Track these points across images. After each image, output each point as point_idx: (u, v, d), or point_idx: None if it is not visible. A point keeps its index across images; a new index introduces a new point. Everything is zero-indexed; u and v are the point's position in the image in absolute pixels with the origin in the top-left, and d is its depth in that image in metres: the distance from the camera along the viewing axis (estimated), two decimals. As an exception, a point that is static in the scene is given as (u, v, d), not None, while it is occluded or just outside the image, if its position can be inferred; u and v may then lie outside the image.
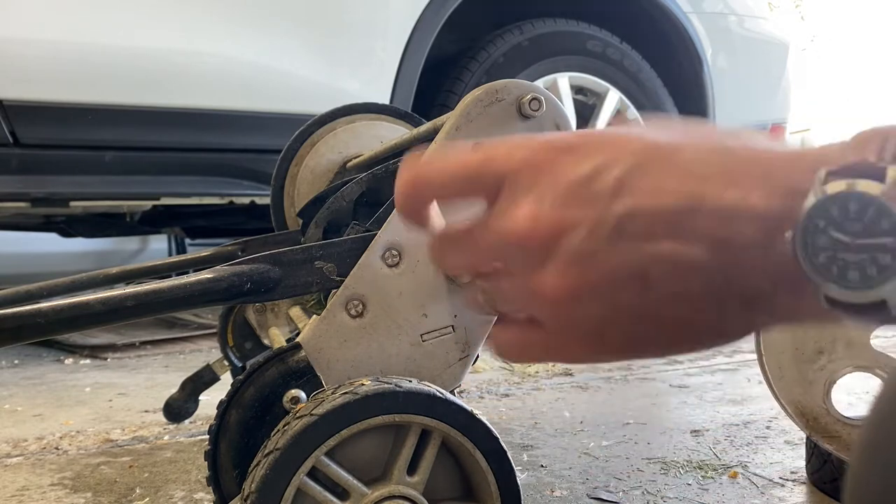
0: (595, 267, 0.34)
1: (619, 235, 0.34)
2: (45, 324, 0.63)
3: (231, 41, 2.03)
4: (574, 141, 0.36)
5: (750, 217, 0.32)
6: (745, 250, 0.32)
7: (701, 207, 0.33)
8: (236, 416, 0.69)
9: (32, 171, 1.88)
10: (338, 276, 0.71)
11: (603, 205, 0.34)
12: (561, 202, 0.35)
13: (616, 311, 0.35)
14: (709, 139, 0.35)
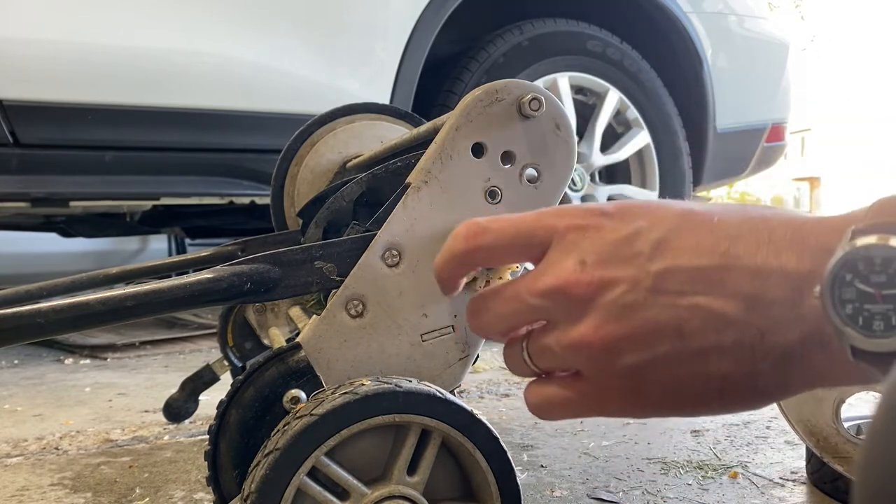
0: (633, 319, 0.37)
1: (656, 291, 0.37)
2: (44, 324, 0.63)
3: (231, 41, 2.03)
4: (618, 207, 0.40)
5: (781, 274, 0.34)
6: (777, 306, 0.34)
7: (734, 266, 0.35)
8: (236, 416, 0.69)
9: (32, 171, 1.88)
10: (338, 276, 0.71)
11: (642, 262, 0.37)
12: (604, 259, 0.38)
13: (653, 362, 0.37)
14: (740, 208, 0.38)
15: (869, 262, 0.32)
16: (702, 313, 0.36)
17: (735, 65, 2.75)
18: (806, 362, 0.35)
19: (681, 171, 2.61)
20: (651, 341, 0.37)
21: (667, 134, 2.57)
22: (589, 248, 0.38)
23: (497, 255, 0.43)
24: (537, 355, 0.42)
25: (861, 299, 0.32)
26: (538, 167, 0.73)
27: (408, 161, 0.84)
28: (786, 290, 0.34)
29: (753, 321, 0.35)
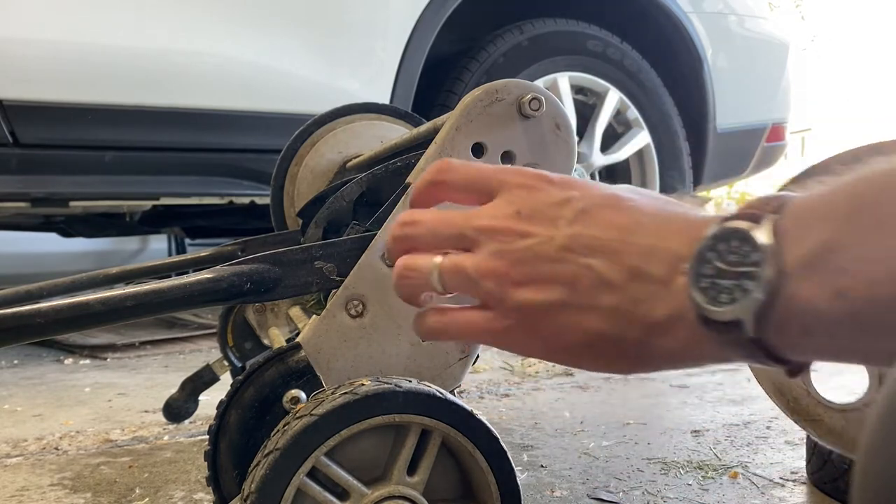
0: (540, 265, 0.44)
1: (564, 248, 0.44)
2: (44, 324, 0.63)
3: (231, 41, 2.03)
4: (562, 178, 0.47)
5: (665, 253, 0.40)
6: (654, 281, 0.40)
7: (631, 241, 0.42)
8: (236, 417, 0.69)
9: (32, 171, 1.88)
10: (338, 276, 0.71)
11: (561, 225, 0.44)
12: (534, 215, 0.45)
13: (544, 305, 0.44)
14: (662, 201, 0.44)
15: (728, 243, 0.36)
16: (592, 274, 0.42)
17: (735, 65, 2.75)
18: (669, 336, 0.40)
19: (681, 171, 2.61)
20: (548, 286, 0.44)
21: (667, 134, 2.57)
22: (527, 204, 0.46)
23: (457, 191, 0.50)
24: (450, 273, 0.47)
25: (717, 275, 0.36)
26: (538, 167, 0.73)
27: (408, 161, 0.84)
28: (664, 267, 0.40)
29: (631, 290, 0.41)
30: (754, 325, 0.35)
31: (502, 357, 2.01)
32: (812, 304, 0.33)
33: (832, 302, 0.32)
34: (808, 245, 0.34)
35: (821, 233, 0.33)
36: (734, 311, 0.35)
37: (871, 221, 0.32)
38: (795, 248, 0.34)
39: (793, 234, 0.34)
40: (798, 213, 0.35)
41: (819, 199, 0.35)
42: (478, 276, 0.45)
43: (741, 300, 0.35)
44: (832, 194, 0.34)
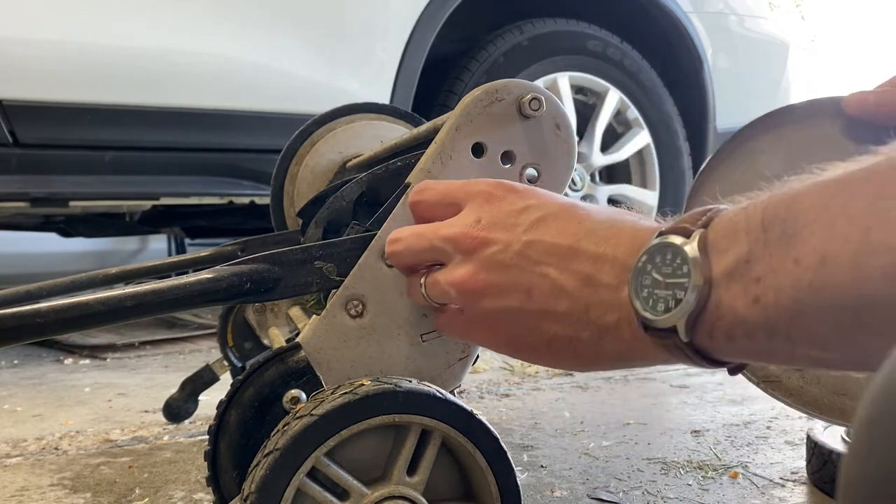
0: (498, 273, 0.49)
1: (521, 255, 0.48)
2: (44, 324, 0.62)
3: (231, 41, 2.03)
4: (524, 188, 0.52)
5: (613, 262, 0.44)
6: (604, 288, 0.44)
7: (582, 249, 0.45)
8: (236, 417, 0.68)
9: (32, 171, 1.88)
10: (338, 276, 0.71)
11: (519, 232, 0.48)
12: (494, 223, 0.50)
13: (504, 311, 0.49)
14: (615, 212, 0.48)
15: (663, 256, 0.39)
16: (548, 281, 0.46)
17: (735, 65, 2.75)
18: (618, 338, 0.43)
19: (681, 171, 2.61)
20: (506, 295, 0.48)
21: (667, 134, 2.57)
22: (487, 213, 0.50)
23: (431, 210, 0.56)
24: (430, 286, 0.54)
25: (653, 286, 0.40)
26: (538, 167, 0.73)
27: (408, 161, 0.83)
28: (612, 276, 0.44)
29: (583, 297, 0.45)
30: (686, 331, 0.38)
31: (502, 357, 2.01)
32: (734, 311, 0.36)
33: (750, 308, 0.35)
34: (729, 256, 0.37)
35: (740, 245, 0.36)
36: (668, 318, 0.39)
37: (779, 234, 0.35)
38: (720, 260, 0.37)
39: (717, 246, 0.37)
40: (722, 227, 0.38)
41: (741, 212, 0.38)
42: (448, 287, 0.52)
43: (674, 309, 0.38)
44: (752, 208, 0.37)
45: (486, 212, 0.50)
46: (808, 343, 0.34)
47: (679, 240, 0.39)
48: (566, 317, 0.45)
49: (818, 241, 0.33)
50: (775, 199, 0.36)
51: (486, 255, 0.49)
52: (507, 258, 0.48)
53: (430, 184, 0.57)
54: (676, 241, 0.39)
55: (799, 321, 0.34)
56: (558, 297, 0.46)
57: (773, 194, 0.37)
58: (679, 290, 0.38)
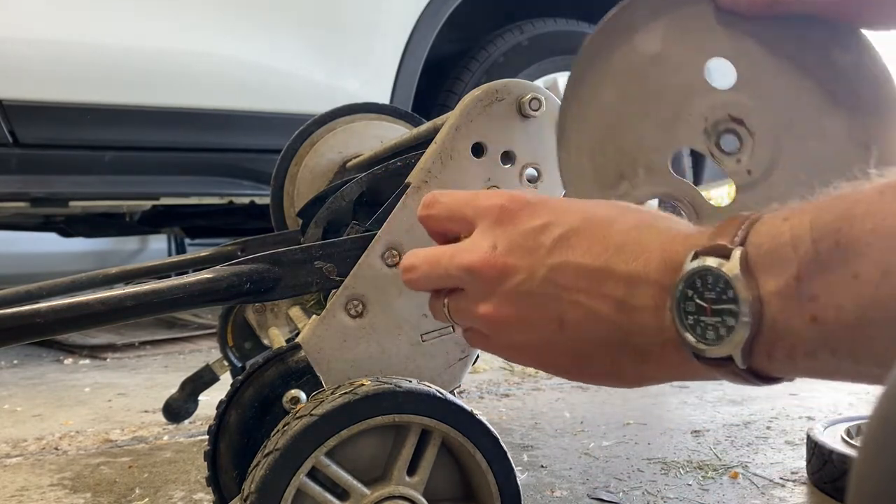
0: (526, 305, 0.45)
1: (548, 281, 0.44)
2: (44, 324, 0.62)
3: (231, 41, 2.03)
4: (537, 199, 0.47)
5: (647, 284, 0.41)
6: (641, 312, 0.41)
7: (613, 270, 0.42)
8: (236, 417, 0.68)
9: (32, 171, 1.88)
10: (338, 276, 0.71)
11: (541, 255, 0.44)
12: (512, 247, 0.46)
13: (536, 342, 0.46)
14: (635, 216, 0.44)
15: (704, 280, 0.37)
16: (580, 309, 0.43)
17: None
18: (663, 361, 0.41)
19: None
20: (536, 327, 0.45)
21: (667, 134, 2.57)
22: (502, 235, 0.46)
23: (442, 224, 0.52)
24: (454, 313, 0.50)
25: (698, 312, 0.37)
26: (538, 167, 0.73)
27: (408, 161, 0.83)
28: (648, 298, 0.40)
29: (621, 322, 0.42)
30: (743, 359, 0.36)
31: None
32: (791, 332, 0.34)
33: (809, 329, 0.34)
34: (778, 275, 0.35)
35: (789, 262, 0.34)
36: (722, 349, 0.36)
37: (832, 247, 0.33)
38: (768, 280, 0.35)
39: (762, 265, 0.35)
40: (765, 243, 0.36)
41: (784, 224, 0.35)
42: (472, 319, 0.48)
43: (727, 337, 0.36)
44: (796, 219, 0.35)
45: (502, 234, 0.46)
46: (873, 360, 0.32)
47: (717, 262, 0.36)
48: (604, 344, 0.43)
49: (878, 252, 0.31)
50: (824, 209, 0.34)
51: (510, 287, 0.45)
52: (534, 287, 0.44)
53: (437, 196, 0.52)
54: (715, 265, 0.36)
55: (863, 339, 0.32)
56: (593, 324, 0.43)
57: (819, 202, 0.35)
58: (728, 316, 0.36)
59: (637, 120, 0.64)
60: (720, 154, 0.63)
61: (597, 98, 0.64)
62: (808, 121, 0.63)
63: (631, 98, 0.64)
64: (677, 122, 0.63)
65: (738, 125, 0.63)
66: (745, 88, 0.62)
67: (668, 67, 0.63)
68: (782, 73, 0.62)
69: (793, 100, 0.62)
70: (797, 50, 0.62)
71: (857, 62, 0.62)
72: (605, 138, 0.64)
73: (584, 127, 0.64)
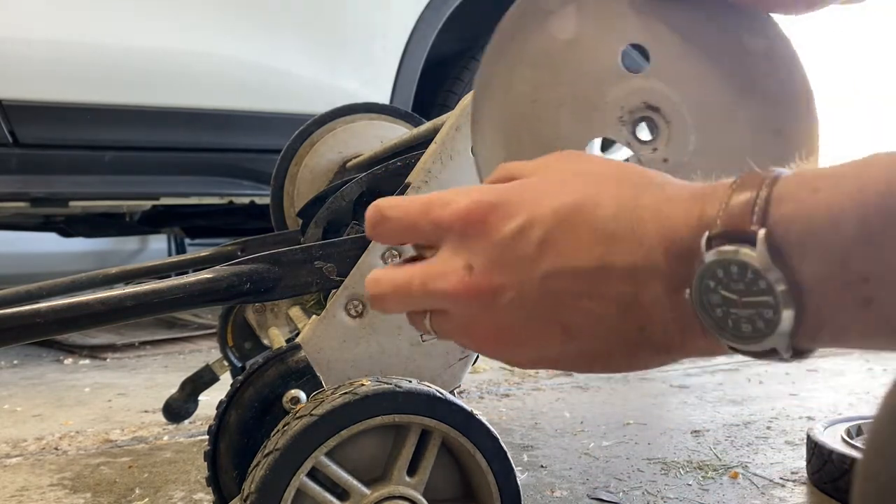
0: (523, 321, 0.40)
1: (543, 292, 0.39)
2: (44, 324, 0.62)
3: (231, 41, 2.03)
4: (501, 198, 0.40)
5: (653, 273, 0.36)
6: (654, 305, 0.36)
7: (612, 267, 0.37)
8: (236, 417, 0.68)
9: (32, 171, 1.88)
10: (337, 276, 0.71)
11: (527, 265, 0.39)
12: (491, 263, 0.39)
13: (546, 355, 0.41)
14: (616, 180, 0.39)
15: (727, 271, 0.33)
16: (584, 314, 0.38)
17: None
18: (688, 348, 0.37)
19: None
20: (539, 341, 0.40)
21: (667, 134, 2.57)
22: (475, 251, 0.40)
23: (399, 240, 0.45)
24: (442, 334, 0.44)
25: (726, 304, 0.33)
26: None
27: (408, 161, 0.84)
28: (659, 290, 0.36)
29: (633, 319, 0.37)
30: (788, 350, 0.33)
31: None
32: (840, 317, 0.31)
33: (859, 311, 0.31)
34: (818, 258, 0.31)
35: (830, 243, 0.31)
36: (764, 345, 0.33)
37: (884, 223, 0.30)
38: (806, 264, 0.31)
39: (797, 248, 0.32)
40: (796, 224, 0.32)
41: (811, 198, 0.32)
42: (466, 340, 0.43)
43: (766, 331, 0.33)
44: (829, 192, 0.31)
45: (475, 249, 0.40)
46: None
47: (739, 250, 0.32)
48: (619, 343, 0.39)
49: None
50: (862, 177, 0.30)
51: (499, 307, 0.40)
52: (527, 303, 0.39)
53: (384, 210, 0.44)
54: (738, 256, 0.33)
55: None
56: (603, 328, 0.38)
57: (851, 169, 0.31)
58: (765, 309, 0.32)
59: (552, 108, 0.61)
60: (636, 143, 0.61)
61: (511, 86, 0.61)
62: (722, 107, 0.62)
63: (546, 85, 0.61)
64: (593, 110, 0.61)
65: (653, 112, 0.61)
66: (660, 75, 0.61)
67: (583, 53, 0.61)
68: (697, 58, 0.62)
69: (707, 86, 0.62)
70: (711, 36, 0.61)
71: (769, 48, 0.62)
72: (520, 127, 0.62)
73: (499, 116, 0.62)
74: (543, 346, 0.40)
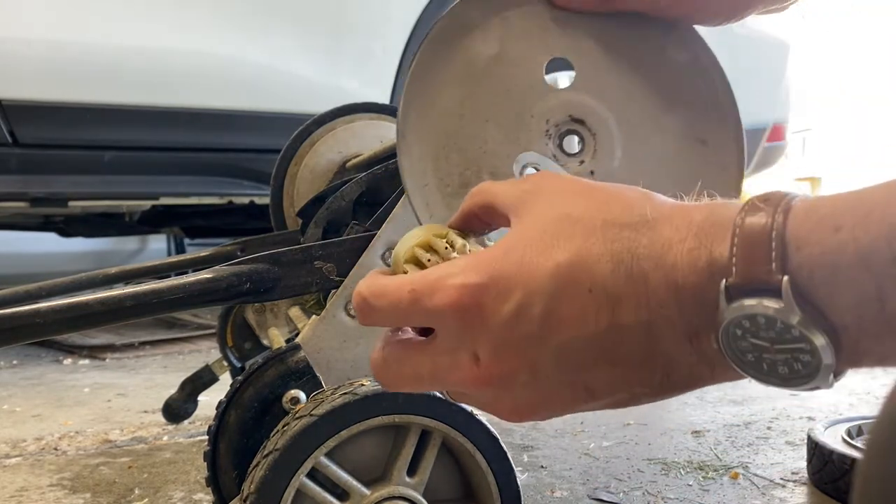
0: (543, 396, 0.38)
1: (558, 367, 0.37)
2: (43, 324, 0.62)
3: (231, 41, 2.03)
4: (490, 276, 0.37)
5: (669, 326, 0.35)
6: (675, 354, 0.35)
7: (624, 329, 0.35)
8: (235, 417, 0.68)
9: (31, 171, 1.88)
10: (337, 276, 0.71)
11: (535, 344, 0.37)
12: (497, 350, 0.37)
13: (573, 409, 0.40)
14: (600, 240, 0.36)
15: (753, 322, 0.32)
16: (605, 374, 0.37)
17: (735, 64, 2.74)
18: (717, 377, 0.36)
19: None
20: (565, 403, 0.39)
21: (667, 134, 2.57)
22: (479, 339, 0.38)
23: (391, 326, 0.43)
24: (460, 400, 0.43)
25: (757, 350, 0.32)
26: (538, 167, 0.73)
27: (408, 161, 0.83)
28: (678, 338, 0.35)
29: (656, 368, 0.36)
30: (831, 384, 0.32)
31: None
32: (881, 346, 0.31)
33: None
34: (854, 301, 0.30)
35: (861, 284, 0.30)
36: (807, 385, 0.32)
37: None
38: (838, 309, 0.30)
39: (827, 293, 0.31)
40: (821, 269, 0.31)
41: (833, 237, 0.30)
42: (493, 414, 0.41)
43: (807, 374, 0.32)
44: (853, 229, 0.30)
45: (477, 339, 0.38)
46: None
47: (764, 303, 0.31)
48: (644, 390, 0.37)
49: None
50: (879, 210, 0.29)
51: (516, 388, 0.38)
52: (544, 378, 0.38)
53: (369, 301, 0.41)
54: (763, 310, 0.31)
55: None
56: (626, 385, 0.37)
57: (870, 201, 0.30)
58: (801, 353, 0.31)
59: (479, 124, 0.62)
60: (563, 156, 0.62)
61: (437, 102, 0.62)
62: (647, 118, 0.63)
63: (472, 101, 0.62)
64: (519, 125, 0.62)
65: (579, 125, 0.62)
66: (584, 87, 0.62)
67: (508, 68, 0.61)
68: (621, 70, 0.62)
69: (632, 97, 0.62)
70: (635, 47, 0.62)
71: (693, 59, 0.63)
72: (447, 144, 0.62)
73: (425, 133, 0.62)
74: (569, 406, 0.39)
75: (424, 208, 0.63)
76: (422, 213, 0.62)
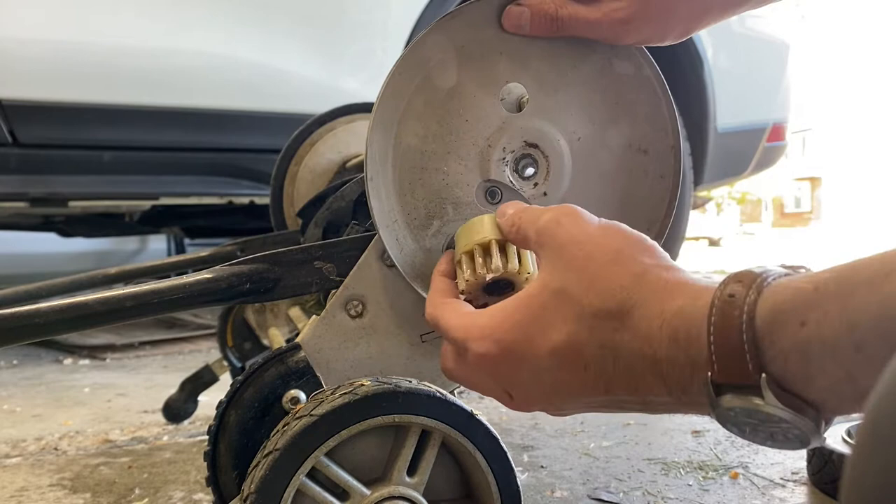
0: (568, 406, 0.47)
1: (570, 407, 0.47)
2: (43, 324, 0.62)
3: (231, 40, 2.03)
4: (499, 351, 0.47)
5: (662, 402, 0.41)
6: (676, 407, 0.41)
7: (624, 401, 0.43)
8: (236, 417, 0.68)
9: (31, 171, 1.88)
10: (337, 276, 0.71)
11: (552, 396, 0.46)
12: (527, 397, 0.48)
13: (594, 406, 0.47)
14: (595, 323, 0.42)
15: (744, 412, 0.36)
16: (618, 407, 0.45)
17: (736, 64, 2.74)
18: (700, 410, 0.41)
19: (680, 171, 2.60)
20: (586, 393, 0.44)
21: (667, 134, 2.56)
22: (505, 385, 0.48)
23: None
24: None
25: (750, 426, 0.37)
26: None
27: (408, 161, 0.83)
28: (675, 404, 0.41)
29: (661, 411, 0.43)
30: (822, 440, 0.36)
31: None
32: (856, 407, 0.34)
33: None
34: (827, 382, 0.33)
35: (836, 370, 0.33)
36: (800, 448, 0.37)
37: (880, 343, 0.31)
38: (815, 391, 0.34)
39: (802, 382, 0.34)
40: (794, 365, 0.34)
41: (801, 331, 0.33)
42: None
43: (798, 441, 0.36)
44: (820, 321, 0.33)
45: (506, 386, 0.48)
46: None
47: (748, 401, 0.35)
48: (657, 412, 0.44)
49: None
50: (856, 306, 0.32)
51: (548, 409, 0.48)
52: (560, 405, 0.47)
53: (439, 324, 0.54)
54: (747, 405, 0.36)
55: None
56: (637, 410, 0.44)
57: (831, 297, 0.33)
58: (790, 429, 0.35)
59: (440, 158, 0.65)
60: (520, 181, 0.65)
61: (402, 141, 0.65)
62: (594, 134, 0.65)
63: (433, 136, 0.64)
64: (477, 154, 0.64)
65: (533, 149, 0.65)
66: (537, 111, 0.64)
67: (465, 100, 0.64)
68: (570, 88, 0.64)
69: (580, 115, 0.65)
70: (583, 62, 0.64)
71: (636, 70, 0.66)
72: (412, 180, 0.65)
73: (391, 171, 0.65)
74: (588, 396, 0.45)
75: (395, 244, 0.66)
76: (393, 250, 0.65)
